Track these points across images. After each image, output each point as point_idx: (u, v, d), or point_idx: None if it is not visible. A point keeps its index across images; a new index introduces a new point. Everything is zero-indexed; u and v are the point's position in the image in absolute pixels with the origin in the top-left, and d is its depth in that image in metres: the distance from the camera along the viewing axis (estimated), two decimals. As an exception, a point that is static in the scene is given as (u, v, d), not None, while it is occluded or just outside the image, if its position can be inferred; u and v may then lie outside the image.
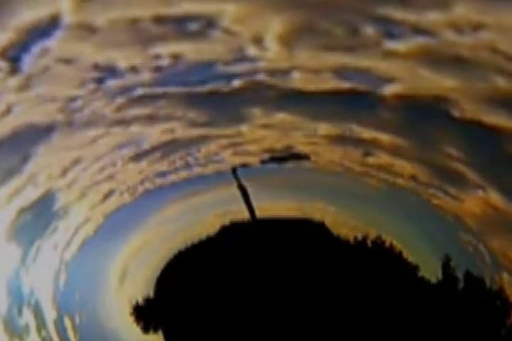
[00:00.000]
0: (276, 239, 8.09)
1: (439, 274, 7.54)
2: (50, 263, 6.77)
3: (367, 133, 6.48)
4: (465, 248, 6.94)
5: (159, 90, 5.85)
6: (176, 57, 5.44)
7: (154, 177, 7.15)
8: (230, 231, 8.32)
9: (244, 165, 7.86)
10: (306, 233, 8.26)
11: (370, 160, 6.90)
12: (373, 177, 7.21)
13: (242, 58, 5.52)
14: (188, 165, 7.25)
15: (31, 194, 6.17)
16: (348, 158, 7.05)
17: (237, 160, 7.33)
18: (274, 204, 8.42)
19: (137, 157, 6.71)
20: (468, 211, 6.69)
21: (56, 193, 6.39)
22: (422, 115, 5.88)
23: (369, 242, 8.15)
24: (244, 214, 8.26)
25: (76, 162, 6.27)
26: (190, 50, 5.38)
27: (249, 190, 8.20)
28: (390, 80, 5.63)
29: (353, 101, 6.01)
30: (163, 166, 7.06)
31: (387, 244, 8.07)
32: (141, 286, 7.78)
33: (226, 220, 8.38)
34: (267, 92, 6.12)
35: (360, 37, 5.19)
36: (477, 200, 6.50)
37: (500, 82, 5.23)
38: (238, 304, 7.58)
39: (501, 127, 5.59)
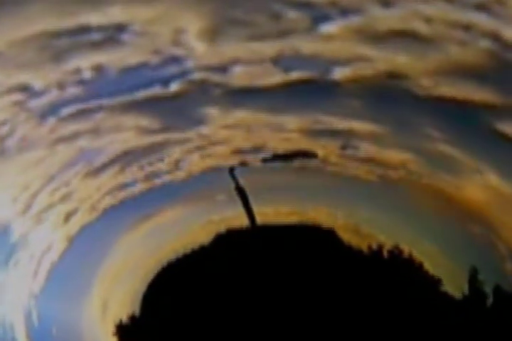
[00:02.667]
0: (280, 249, 8.21)
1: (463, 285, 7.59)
2: (19, 298, 7.45)
3: (338, 124, 6.76)
4: (477, 241, 7.06)
5: (93, 103, 6.40)
6: (97, 69, 5.94)
7: (118, 190, 7.67)
8: (227, 240, 8.44)
9: (243, 165, 8.15)
10: (313, 241, 8.37)
11: (353, 152, 7.16)
12: (365, 171, 7.45)
13: (168, 59, 5.98)
14: (157, 173, 7.75)
15: (-18, 230, 6.88)
16: (330, 152, 7.34)
17: (207, 164, 7.75)
18: (276, 209, 8.54)
19: (94, 172, 7.28)
20: (472, 199, 6.82)
21: (10, 224, 7.08)
22: (385, 97, 6.12)
23: (385, 252, 8.22)
24: (243, 221, 8.50)
25: (24, 188, 6.91)
26: (110, 59, 5.87)
27: (249, 193, 8.42)
28: (335, 64, 5.92)
29: (310, 91, 6.32)
30: (127, 178, 7.59)
31: (406, 253, 8.12)
32: (126, 306, 8.14)
33: (221, 227, 8.53)
34: (214, 91, 6.52)
35: (285, 23, 5.52)
36: (477, 186, 6.64)
37: (452, 51, 5.43)
38: (235, 321, 7.82)
39: (470, 100, 5.77)
